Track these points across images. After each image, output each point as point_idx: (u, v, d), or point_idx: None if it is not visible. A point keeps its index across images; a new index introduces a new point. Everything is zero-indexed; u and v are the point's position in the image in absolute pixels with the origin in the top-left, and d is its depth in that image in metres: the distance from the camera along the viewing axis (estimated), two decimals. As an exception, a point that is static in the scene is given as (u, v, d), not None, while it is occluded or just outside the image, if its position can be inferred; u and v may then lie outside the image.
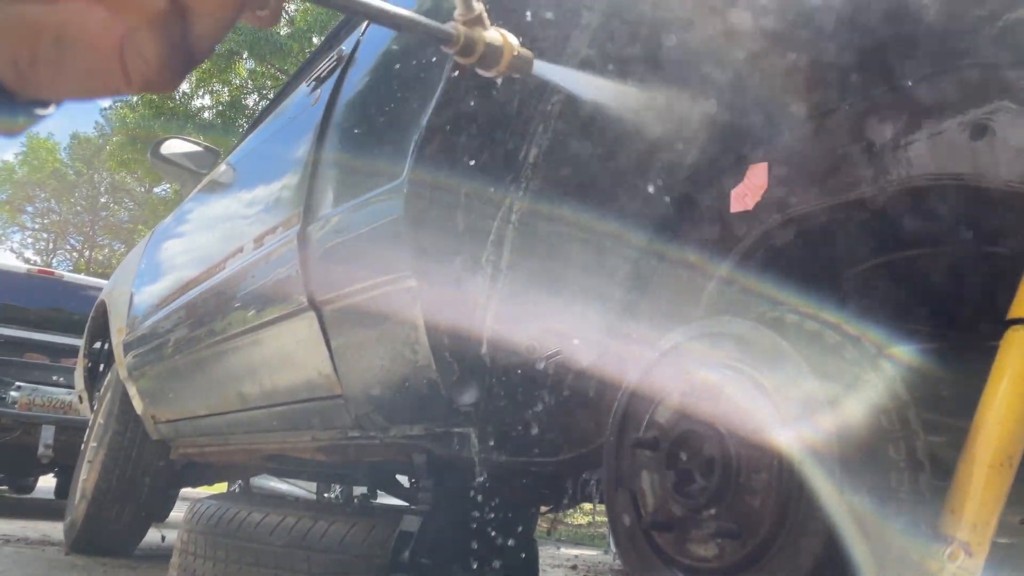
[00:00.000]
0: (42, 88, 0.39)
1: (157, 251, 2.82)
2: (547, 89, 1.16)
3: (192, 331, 2.17)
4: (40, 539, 3.39)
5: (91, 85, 0.39)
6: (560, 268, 1.18)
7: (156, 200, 18.89)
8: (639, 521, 0.93)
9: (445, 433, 1.34)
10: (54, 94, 0.40)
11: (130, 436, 2.89)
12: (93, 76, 0.39)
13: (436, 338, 1.23)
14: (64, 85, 0.39)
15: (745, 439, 0.82)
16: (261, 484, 5.19)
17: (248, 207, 1.99)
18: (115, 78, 0.38)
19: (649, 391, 0.95)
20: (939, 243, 0.91)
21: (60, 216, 25.64)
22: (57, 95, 0.40)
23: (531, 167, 1.18)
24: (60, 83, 0.39)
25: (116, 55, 0.38)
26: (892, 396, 0.79)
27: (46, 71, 0.38)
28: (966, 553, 0.71)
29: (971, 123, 0.78)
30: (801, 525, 0.76)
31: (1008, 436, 0.73)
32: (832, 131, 0.92)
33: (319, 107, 1.65)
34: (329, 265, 1.46)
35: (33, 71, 0.38)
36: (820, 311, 0.88)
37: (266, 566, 1.73)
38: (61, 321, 5.10)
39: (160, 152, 2.81)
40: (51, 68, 0.38)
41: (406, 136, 1.26)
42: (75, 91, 0.39)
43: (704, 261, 1.04)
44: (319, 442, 1.76)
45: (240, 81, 13.49)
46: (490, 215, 1.20)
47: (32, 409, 4.51)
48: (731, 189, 1.02)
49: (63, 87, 0.39)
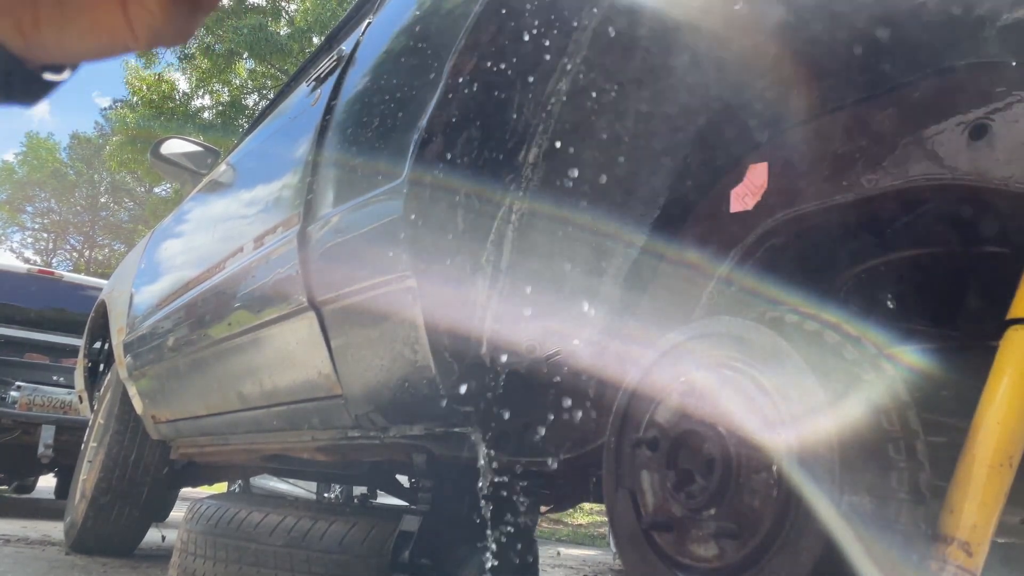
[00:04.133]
0: (50, 51, 0.38)
1: (157, 251, 2.82)
2: (547, 88, 1.16)
3: (192, 331, 2.17)
4: (40, 539, 3.39)
5: (98, 43, 0.38)
6: (560, 268, 1.18)
7: (156, 200, 18.88)
8: (639, 521, 0.93)
9: (445, 433, 1.34)
10: (63, 56, 0.39)
11: (130, 436, 2.89)
12: (99, 33, 0.38)
13: (436, 338, 1.23)
14: (71, 45, 0.38)
15: (745, 439, 0.82)
16: (261, 484, 5.18)
17: (248, 207, 1.99)
18: (121, 33, 0.38)
19: (649, 391, 0.95)
20: (939, 243, 0.91)
21: (60, 216, 25.65)
22: (66, 57, 0.39)
23: (531, 167, 1.18)
24: (67, 44, 0.38)
25: (119, 10, 0.37)
26: (892, 396, 0.79)
27: (50, 32, 0.37)
28: (966, 553, 0.71)
29: (971, 123, 0.78)
30: (801, 525, 0.76)
31: (1008, 436, 0.73)
32: (832, 131, 0.92)
33: (319, 107, 1.65)
34: (329, 265, 1.46)
35: (37, 34, 0.37)
36: (820, 311, 0.88)
37: (266, 566, 1.73)
38: (61, 321, 5.10)
39: (160, 152, 2.81)
40: (55, 29, 0.37)
41: (406, 136, 1.26)
42: (83, 51, 0.38)
43: (704, 261, 1.04)
44: (319, 442, 1.76)
45: (240, 81, 13.49)
46: (490, 215, 1.20)
47: (32, 409, 4.51)
48: (731, 189, 1.02)
49: (70, 48, 0.38)
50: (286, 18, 12.94)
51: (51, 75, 0.40)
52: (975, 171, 0.78)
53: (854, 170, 0.88)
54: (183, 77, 13.70)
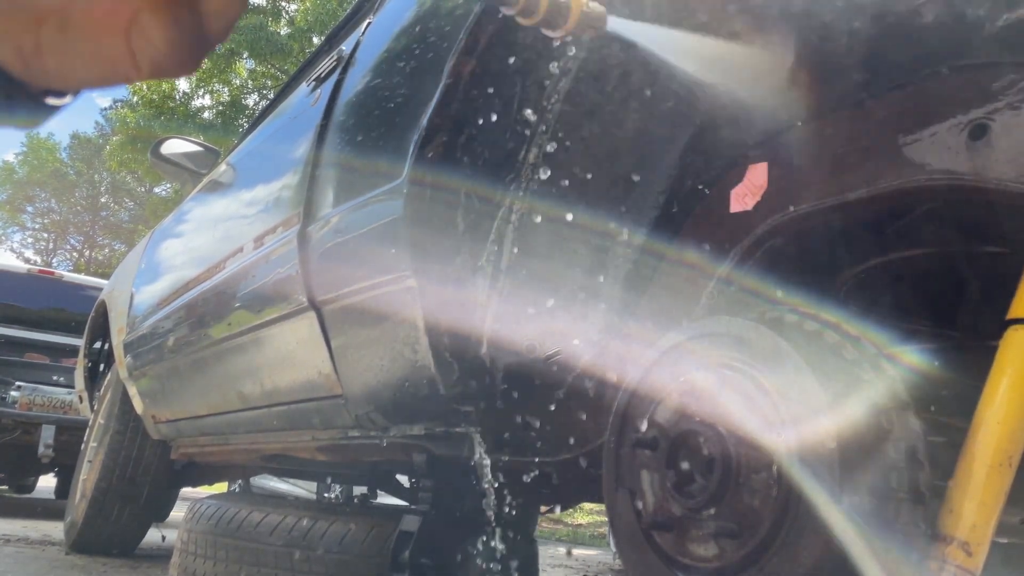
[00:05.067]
0: (51, 77, 0.38)
1: (157, 251, 2.82)
2: (547, 88, 1.16)
3: (192, 331, 2.17)
4: (40, 539, 3.39)
5: (99, 72, 0.38)
6: (560, 268, 1.18)
7: (156, 200, 18.89)
8: (639, 521, 0.93)
9: (445, 433, 1.34)
10: (63, 83, 0.38)
11: (130, 436, 2.89)
12: (101, 63, 0.37)
13: (436, 338, 1.23)
14: (72, 73, 0.38)
15: (745, 439, 0.82)
16: (261, 484, 5.18)
17: (248, 207, 1.99)
18: (123, 64, 0.37)
19: (649, 391, 0.95)
20: (939, 243, 0.91)
21: (60, 216, 25.66)
22: (66, 84, 0.39)
23: (531, 167, 1.18)
24: (68, 71, 0.37)
25: (123, 40, 0.36)
26: (892, 396, 0.79)
27: (52, 59, 0.37)
28: (966, 553, 0.71)
29: (971, 123, 0.78)
30: (801, 525, 0.76)
31: (1008, 436, 0.73)
32: (832, 131, 0.92)
33: (319, 107, 1.65)
34: (329, 265, 1.46)
35: (39, 59, 0.37)
36: (820, 311, 0.88)
37: (266, 566, 1.73)
38: (61, 321, 5.10)
39: (160, 152, 2.80)
40: (57, 55, 0.37)
41: (406, 136, 1.26)
42: (84, 79, 0.38)
43: (704, 261, 1.04)
44: (319, 442, 1.76)
45: (240, 81, 13.49)
46: (490, 215, 1.20)
47: (32, 409, 4.51)
48: (731, 189, 1.02)
49: (71, 75, 0.38)
50: (286, 18, 12.94)
51: (53, 99, 0.40)
52: (975, 171, 0.78)
53: (854, 170, 0.88)
54: (183, 77, 13.71)
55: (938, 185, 0.81)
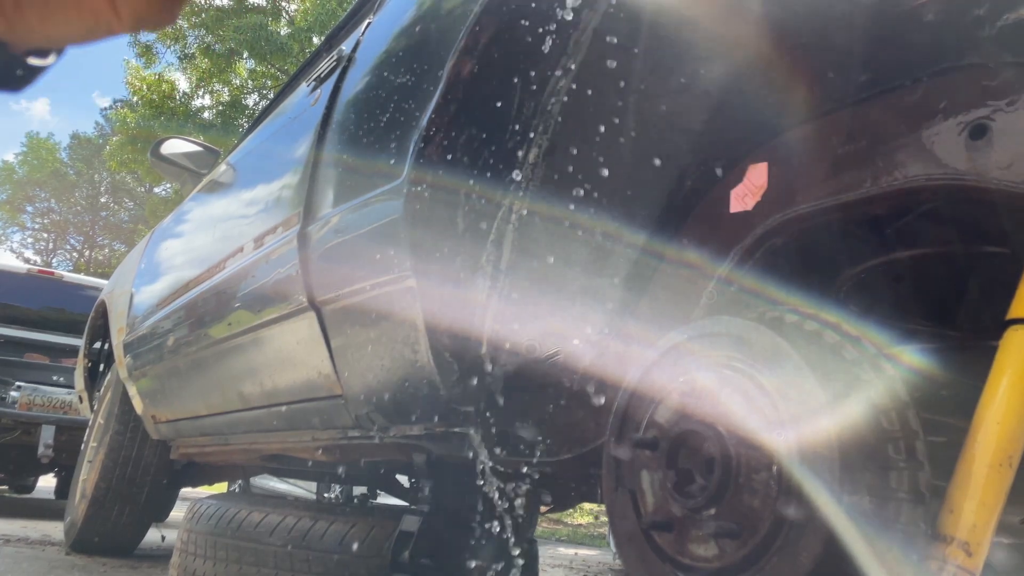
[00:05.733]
0: (33, 34, 0.38)
1: (157, 251, 2.82)
2: (547, 88, 1.16)
3: (192, 331, 2.17)
4: (40, 539, 3.39)
5: (81, 26, 0.38)
6: (560, 268, 1.18)
7: (156, 200, 18.88)
8: (639, 521, 0.93)
9: (445, 433, 1.34)
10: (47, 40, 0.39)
11: (130, 436, 2.89)
12: (82, 15, 0.37)
13: (436, 338, 1.23)
14: (54, 28, 0.38)
15: (745, 439, 0.82)
16: (261, 484, 5.18)
17: (248, 207, 1.99)
18: (105, 15, 0.37)
19: (649, 391, 0.95)
20: (939, 243, 0.91)
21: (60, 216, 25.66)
22: (50, 41, 0.39)
23: (531, 167, 1.18)
24: (50, 26, 0.37)
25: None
26: (892, 396, 0.79)
27: (33, 14, 0.37)
28: (966, 553, 0.71)
29: (971, 123, 0.78)
30: (801, 525, 0.76)
31: (1008, 436, 0.73)
32: (832, 131, 0.92)
33: (319, 107, 1.65)
34: (329, 265, 1.46)
35: (20, 16, 0.37)
36: (820, 311, 0.88)
37: (266, 566, 1.73)
38: (61, 321, 5.10)
39: (160, 152, 2.80)
40: (38, 10, 0.37)
41: (406, 136, 1.26)
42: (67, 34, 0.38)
43: (704, 261, 1.04)
44: (319, 442, 1.76)
45: (240, 81, 13.49)
46: (490, 215, 1.20)
47: (32, 409, 4.51)
48: (731, 189, 1.02)
49: (54, 30, 0.38)
50: (286, 18, 12.94)
51: (36, 60, 0.40)
52: (975, 171, 0.78)
53: (854, 170, 0.89)
54: (183, 77, 13.71)
55: (938, 185, 0.81)
